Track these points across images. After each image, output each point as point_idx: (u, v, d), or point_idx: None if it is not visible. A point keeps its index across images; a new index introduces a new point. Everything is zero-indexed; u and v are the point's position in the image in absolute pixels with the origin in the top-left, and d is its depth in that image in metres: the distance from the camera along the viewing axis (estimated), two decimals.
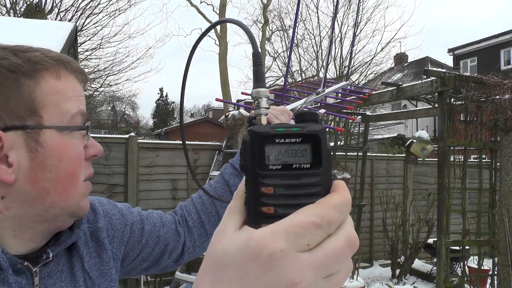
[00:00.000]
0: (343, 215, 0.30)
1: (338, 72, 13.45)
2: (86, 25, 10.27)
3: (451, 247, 3.65)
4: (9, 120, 0.53)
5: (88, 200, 0.63)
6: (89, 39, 10.59)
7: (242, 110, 5.05)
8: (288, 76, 14.99)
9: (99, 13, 10.35)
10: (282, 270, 0.28)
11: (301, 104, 1.10)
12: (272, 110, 0.89)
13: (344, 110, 4.18)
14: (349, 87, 3.07)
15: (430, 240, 5.27)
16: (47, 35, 2.60)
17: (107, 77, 11.74)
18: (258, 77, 0.39)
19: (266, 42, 12.77)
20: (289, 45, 14.18)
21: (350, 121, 11.13)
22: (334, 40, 13.41)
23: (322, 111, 1.14)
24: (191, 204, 0.91)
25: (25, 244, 0.58)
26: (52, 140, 0.55)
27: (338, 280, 0.30)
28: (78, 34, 7.87)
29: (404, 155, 6.29)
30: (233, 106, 8.07)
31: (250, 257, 0.28)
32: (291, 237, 0.28)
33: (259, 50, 0.42)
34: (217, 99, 1.43)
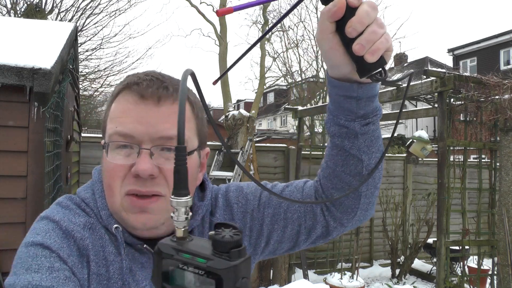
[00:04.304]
0: None
1: None
2: (86, 25, 10.25)
3: (450, 247, 3.65)
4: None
5: (136, 217, 0.65)
6: (89, 39, 10.58)
7: (242, 110, 5.05)
8: (288, 76, 14.94)
9: (99, 13, 10.33)
10: None
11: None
12: None
13: None
14: None
15: (430, 240, 5.28)
16: (47, 35, 2.60)
17: (107, 77, 11.74)
18: None
19: (266, 42, 12.76)
20: (289, 45, 14.19)
21: None
22: None
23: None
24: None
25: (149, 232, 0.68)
26: (104, 153, 0.66)
27: None
28: (78, 34, 7.87)
29: (404, 155, 6.30)
30: (232, 106, 8.05)
31: None
32: None
33: None
34: None
